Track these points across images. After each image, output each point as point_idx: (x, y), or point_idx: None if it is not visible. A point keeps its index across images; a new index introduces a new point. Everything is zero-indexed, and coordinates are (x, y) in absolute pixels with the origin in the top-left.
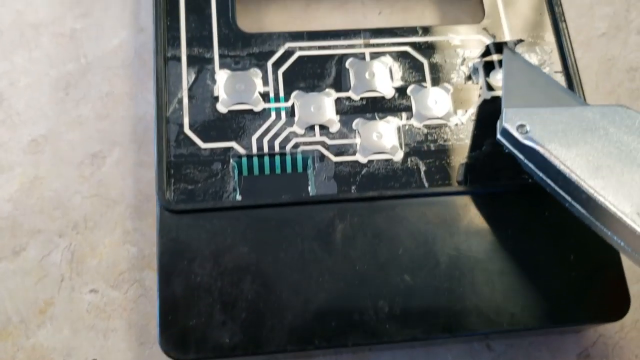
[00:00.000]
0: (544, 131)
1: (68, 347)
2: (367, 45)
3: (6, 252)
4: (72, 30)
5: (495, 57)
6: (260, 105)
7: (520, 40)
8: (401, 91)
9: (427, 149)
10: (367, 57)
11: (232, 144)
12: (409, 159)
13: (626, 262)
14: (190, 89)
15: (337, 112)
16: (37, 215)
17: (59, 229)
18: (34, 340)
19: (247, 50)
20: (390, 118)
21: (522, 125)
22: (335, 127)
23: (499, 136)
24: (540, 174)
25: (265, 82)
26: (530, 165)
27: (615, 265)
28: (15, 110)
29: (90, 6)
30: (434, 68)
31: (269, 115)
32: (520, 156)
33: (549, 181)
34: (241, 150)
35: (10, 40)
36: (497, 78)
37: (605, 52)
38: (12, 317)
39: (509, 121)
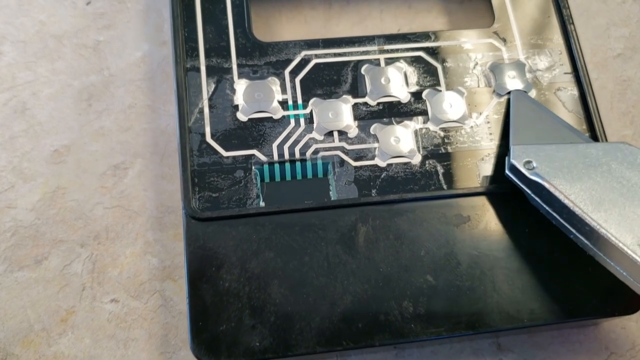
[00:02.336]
0: (549, 167)
1: (89, 356)
2: (382, 51)
3: (28, 261)
4: (95, 42)
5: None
6: (279, 113)
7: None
8: (416, 95)
9: (445, 152)
10: (382, 63)
11: (254, 151)
12: (427, 162)
13: None
14: (210, 99)
15: (355, 118)
16: (59, 225)
17: (80, 239)
18: (55, 348)
19: (264, 59)
20: (407, 122)
21: (528, 162)
22: (353, 132)
23: (507, 171)
24: (546, 208)
25: (284, 90)
26: (537, 199)
27: None
28: (37, 121)
29: (114, 19)
30: (448, 72)
31: (288, 123)
32: (528, 190)
33: (554, 214)
34: (262, 158)
35: (34, 51)
36: (509, 80)
37: (620, 73)
38: (34, 325)
39: (517, 158)
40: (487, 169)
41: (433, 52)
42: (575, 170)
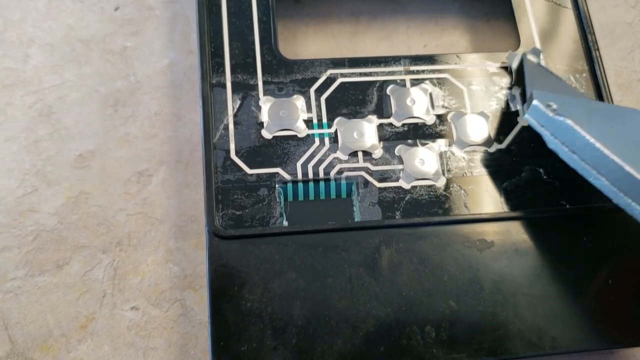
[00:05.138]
0: (570, 112)
1: None
2: (408, 72)
3: (49, 265)
4: (123, 48)
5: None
6: (304, 132)
7: (539, 50)
8: (442, 118)
9: (469, 175)
10: (408, 84)
11: (278, 169)
12: (451, 185)
13: None
14: (235, 115)
15: (380, 139)
16: (81, 230)
17: (102, 245)
18: (74, 354)
19: (290, 77)
20: (431, 144)
21: (550, 105)
22: (378, 153)
23: (527, 115)
24: (567, 150)
25: (309, 109)
26: (557, 142)
27: None
28: (63, 125)
29: (142, 25)
30: (473, 95)
31: (313, 141)
32: (548, 133)
33: (575, 156)
34: (286, 176)
35: (61, 55)
36: None
37: None
38: (54, 330)
39: (539, 98)
40: (512, 194)
41: (459, 74)
42: (595, 119)
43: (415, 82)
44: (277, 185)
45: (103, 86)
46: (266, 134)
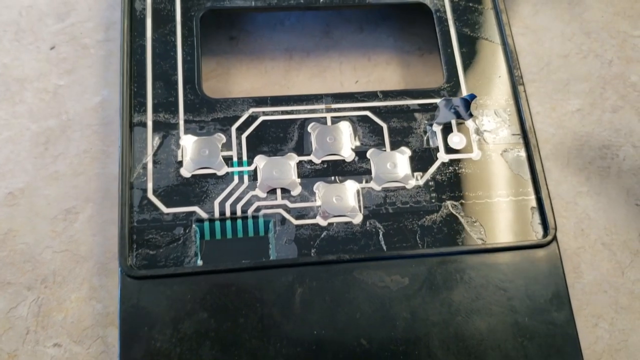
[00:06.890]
0: None
1: None
2: (329, 110)
3: None
4: (56, 86)
5: (453, 121)
6: (223, 170)
7: (474, 96)
8: (361, 155)
9: (386, 212)
10: (329, 122)
11: (195, 208)
12: (367, 222)
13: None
14: (155, 154)
15: (299, 176)
16: (8, 267)
17: (28, 282)
18: None
19: (211, 115)
20: (350, 181)
21: None
22: (296, 190)
23: None
24: None
25: (229, 147)
26: None
27: (568, 328)
28: None
29: (76, 64)
30: (393, 132)
31: (232, 179)
32: None
33: None
34: (203, 215)
35: None
36: (454, 141)
37: (579, 129)
38: None
39: None
40: (428, 230)
41: (380, 111)
42: None
43: (336, 120)
44: (193, 224)
45: (35, 124)
46: (185, 173)
